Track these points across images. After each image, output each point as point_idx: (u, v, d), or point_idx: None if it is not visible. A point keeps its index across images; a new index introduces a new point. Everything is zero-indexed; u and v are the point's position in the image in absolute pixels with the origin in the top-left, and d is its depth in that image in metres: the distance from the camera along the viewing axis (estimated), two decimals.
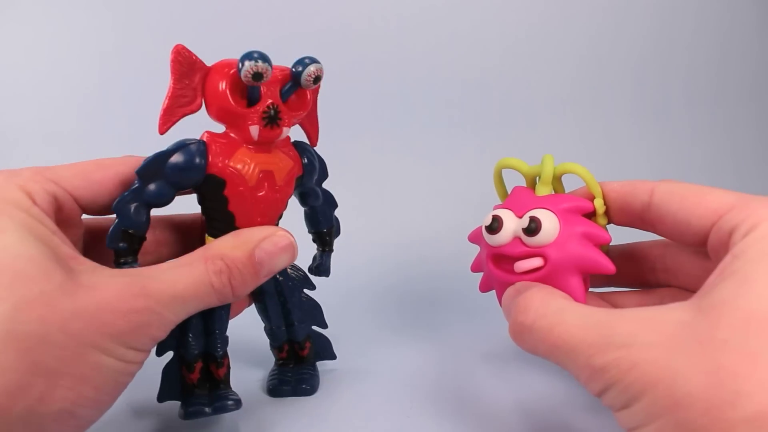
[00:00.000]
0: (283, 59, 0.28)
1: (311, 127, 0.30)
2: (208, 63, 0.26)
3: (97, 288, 0.21)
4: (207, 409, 0.27)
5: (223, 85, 0.25)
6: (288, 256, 0.26)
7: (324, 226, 0.31)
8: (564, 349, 0.21)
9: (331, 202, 0.31)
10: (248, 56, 0.24)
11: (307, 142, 0.29)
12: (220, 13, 0.65)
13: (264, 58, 0.24)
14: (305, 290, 0.31)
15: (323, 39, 0.65)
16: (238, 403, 0.27)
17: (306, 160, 0.28)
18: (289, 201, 0.29)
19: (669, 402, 0.18)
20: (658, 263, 0.29)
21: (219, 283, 0.24)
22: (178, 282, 0.23)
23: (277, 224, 0.28)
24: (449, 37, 0.67)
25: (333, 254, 0.32)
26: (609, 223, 0.28)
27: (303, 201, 0.30)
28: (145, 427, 0.28)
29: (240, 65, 0.24)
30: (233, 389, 0.28)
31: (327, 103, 0.29)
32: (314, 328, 0.32)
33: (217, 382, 0.28)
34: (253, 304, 0.31)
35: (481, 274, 0.30)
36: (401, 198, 0.55)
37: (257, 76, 0.24)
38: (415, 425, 0.28)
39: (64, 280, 0.21)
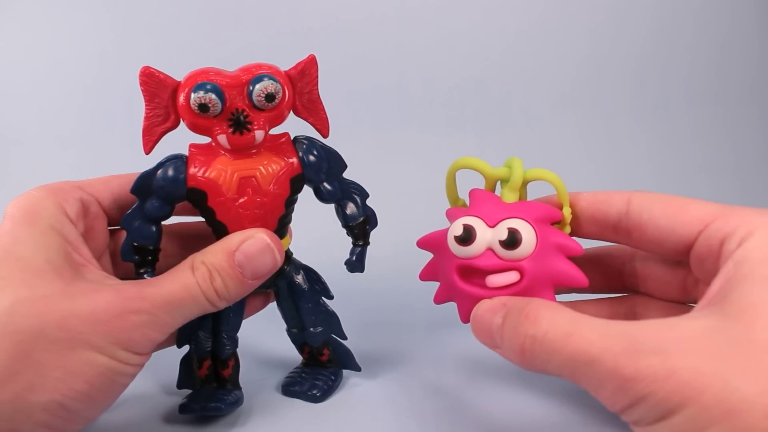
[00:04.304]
0: (282, 57, 0.27)
1: (317, 120, 0.28)
2: (207, 62, 0.26)
3: (96, 292, 0.23)
4: (197, 408, 0.28)
5: (182, 99, 0.26)
6: (268, 257, 0.26)
7: (351, 220, 0.29)
8: (583, 359, 0.19)
9: (357, 193, 0.29)
10: (200, 87, 0.25)
11: (309, 136, 0.28)
12: (220, 11, 0.65)
13: (215, 90, 0.25)
14: (323, 299, 0.31)
15: (322, 37, 0.65)
16: (231, 406, 0.28)
17: (305, 157, 0.27)
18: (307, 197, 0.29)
19: (721, 409, 0.17)
20: (626, 268, 0.29)
21: (205, 287, 0.25)
22: (170, 286, 0.24)
23: (285, 227, 0.28)
24: (448, 36, 0.67)
25: (329, 254, 0.31)
26: (570, 233, 0.27)
27: (319, 197, 0.29)
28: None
29: (191, 94, 0.25)
30: (244, 386, 0.29)
31: (325, 101, 0.28)
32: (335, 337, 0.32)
33: (223, 381, 0.29)
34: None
35: (434, 283, 0.28)
36: (399, 198, 0.55)
37: (203, 107, 0.25)
38: (415, 425, 0.28)
39: (67, 286, 0.23)
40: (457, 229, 0.25)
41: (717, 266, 0.22)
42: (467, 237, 0.25)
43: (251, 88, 0.25)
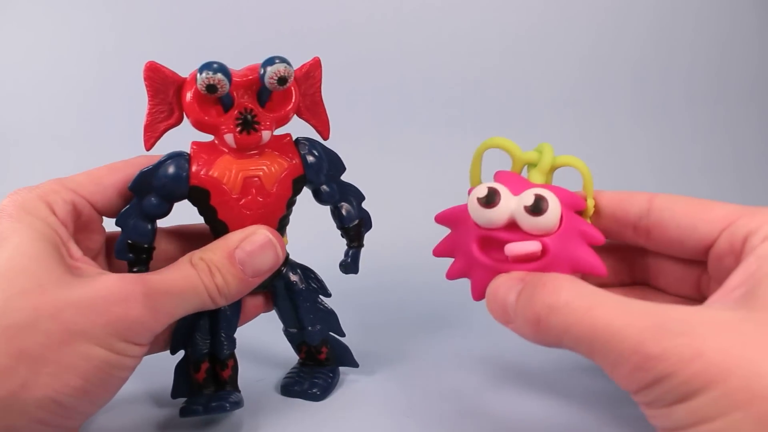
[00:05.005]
0: None
1: (318, 122, 0.29)
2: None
3: (95, 282, 0.23)
4: (200, 409, 0.27)
5: (189, 96, 0.25)
6: (271, 253, 0.26)
7: (347, 222, 0.30)
8: (605, 333, 0.19)
9: (353, 195, 0.30)
10: (206, 66, 0.24)
11: (311, 138, 0.28)
12: (220, 11, 0.65)
13: (222, 69, 0.24)
14: (321, 297, 0.31)
15: (323, 37, 0.65)
16: (234, 405, 0.27)
17: (307, 159, 0.28)
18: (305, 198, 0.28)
19: (746, 394, 0.17)
20: (637, 262, 0.29)
21: (206, 281, 0.25)
22: (171, 275, 0.24)
23: (284, 228, 0.28)
24: (449, 36, 0.67)
25: (329, 254, 0.31)
26: None
27: (317, 198, 0.29)
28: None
29: (197, 75, 0.24)
30: (242, 387, 0.29)
31: (326, 102, 0.29)
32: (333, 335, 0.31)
33: (223, 383, 0.29)
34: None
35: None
36: (400, 199, 0.55)
37: (211, 88, 0.24)
38: (414, 425, 0.28)
39: (64, 275, 0.22)
40: (480, 190, 0.23)
41: (736, 263, 0.21)
42: (491, 198, 0.23)
43: (263, 70, 0.25)
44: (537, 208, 0.22)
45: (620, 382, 0.19)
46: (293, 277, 0.29)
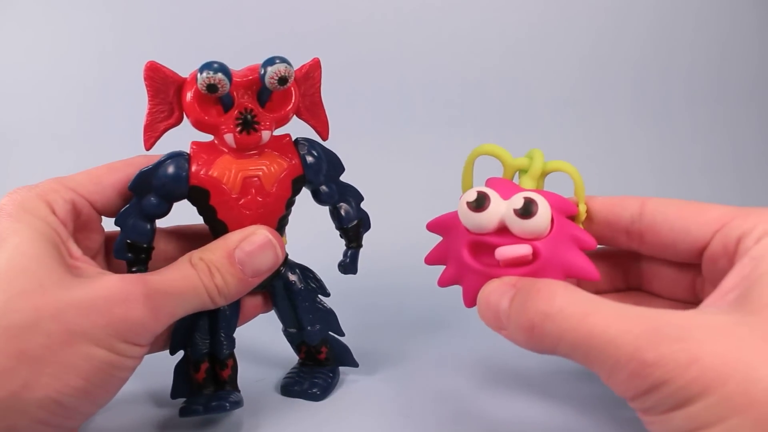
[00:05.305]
0: None
1: (318, 122, 0.29)
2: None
3: (96, 282, 0.23)
4: (200, 409, 0.27)
5: (189, 96, 0.25)
6: (270, 253, 0.26)
7: (345, 222, 0.30)
8: (600, 340, 0.19)
9: (352, 196, 0.30)
10: (207, 66, 0.24)
11: (310, 138, 0.29)
12: (220, 11, 0.65)
13: (222, 69, 0.24)
14: (320, 296, 0.31)
15: (322, 38, 0.65)
16: (234, 405, 0.27)
17: (307, 159, 0.28)
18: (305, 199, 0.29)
19: (743, 399, 0.17)
20: (631, 268, 0.29)
21: (206, 281, 0.25)
22: (171, 275, 0.24)
23: (283, 228, 0.28)
24: (449, 36, 0.67)
25: (329, 255, 0.31)
26: None
27: (316, 199, 0.29)
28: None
29: (198, 75, 0.24)
30: (242, 387, 0.29)
31: (325, 102, 0.29)
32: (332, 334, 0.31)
33: (222, 383, 0.29)
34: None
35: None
36: (399, 199, 0.55)
37: (211, 87, 0.24)
38: (413, 425, 0.28)
39: (64, 275, 0.22)
40: (470, 195, 0.23)
41: (730, 265, 0.21)
42: (481, 202, 0.23)
43: (263, 70, 0.25)
44: (527, 210, 0.22)
45: (617, 389, 0.19)
46: (292, 277, 0.29)
